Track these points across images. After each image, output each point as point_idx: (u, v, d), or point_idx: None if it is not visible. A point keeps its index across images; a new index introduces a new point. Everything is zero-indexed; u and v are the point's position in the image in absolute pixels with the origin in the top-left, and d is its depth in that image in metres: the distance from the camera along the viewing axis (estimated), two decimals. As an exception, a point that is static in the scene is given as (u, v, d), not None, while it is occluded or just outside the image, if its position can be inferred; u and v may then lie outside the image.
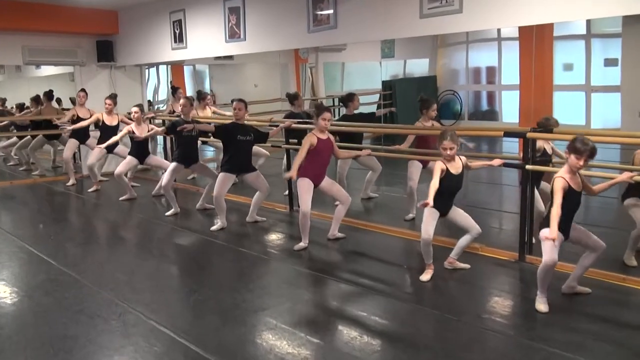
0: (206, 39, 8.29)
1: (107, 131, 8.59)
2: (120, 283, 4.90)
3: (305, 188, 5.52)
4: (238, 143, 6.25)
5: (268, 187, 6.56)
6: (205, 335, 3.86)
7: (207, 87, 15.81)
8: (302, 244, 5.58)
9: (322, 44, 7.46)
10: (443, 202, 4.66)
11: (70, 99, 11.70)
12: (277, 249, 5.74)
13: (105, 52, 10.16)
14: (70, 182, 9.30)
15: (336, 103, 13.16)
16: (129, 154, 8.04)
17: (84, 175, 9.96)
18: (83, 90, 9.21)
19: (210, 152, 10.43)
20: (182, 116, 6.96)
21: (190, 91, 15.25)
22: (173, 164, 7.01)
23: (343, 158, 6.13)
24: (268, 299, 4.43)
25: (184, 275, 5.23)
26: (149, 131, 7.92)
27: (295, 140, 7.07)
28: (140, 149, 7.95)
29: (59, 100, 11.69)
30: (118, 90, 9.82)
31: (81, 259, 5.65)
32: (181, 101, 7.01)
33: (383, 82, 13.22)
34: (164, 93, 14.12)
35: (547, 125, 4.95)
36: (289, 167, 7.19)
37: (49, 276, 5.08)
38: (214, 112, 9.16)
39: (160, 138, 9.78)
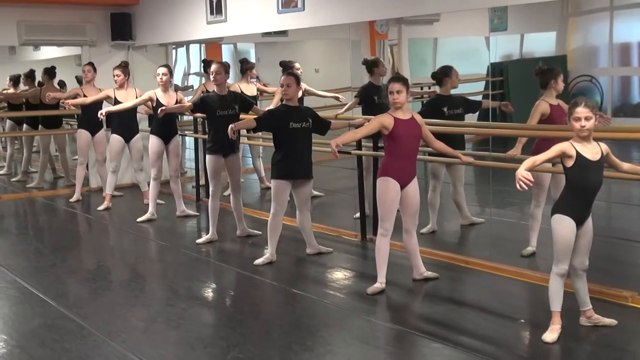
0: (252, 9, 8.42)
1: (121, 112, 8.82)
2: (135, 332, 5.00)
3: (389, 196, 5.43)
4: (292, 134, 6.21)
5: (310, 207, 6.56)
6: (247, 406, 3.88)
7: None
8: (377, 286, 5.54)
9: (408, 14, 7.41)
10: (579, 204, 4.47)
11: (76, 77, 12.12)
12: (343, 291, 5.72)
13: (122, 29, 10.48)
14: (75, 198, 9.65)
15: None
16: (151, 133, 8.27)
17: (92, 188, 10.31)
18: (90, 64, 9.53)
19: (248, 157, 10.55)
20: (215, 90, 7.05)
21: (230, 77, 15.49)
22: (209, 160, 7.09)
23: (440, 151, 5.88)
24: (332, 361, 4.41)
25: (219, 325, 5.29)
26: (177, 102, 8.07)
27: (370, 144, 7.06)
28: (165, 124, 8.15)
29: (61, 84, 12.14)
30: (138, 77, 10.09)
31: (87, 300, 5.82)
32: (212, 67, 7.04)
33: (491, 64, 13.01)
34: (195, 80, 14.45)
35: None
36: (361, 180, 7.18)
37: (46, 321, 5.24)
38: (259, 90, 9.28)
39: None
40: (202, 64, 10.39)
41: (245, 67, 9.24)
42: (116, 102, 8.81)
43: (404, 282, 5.78)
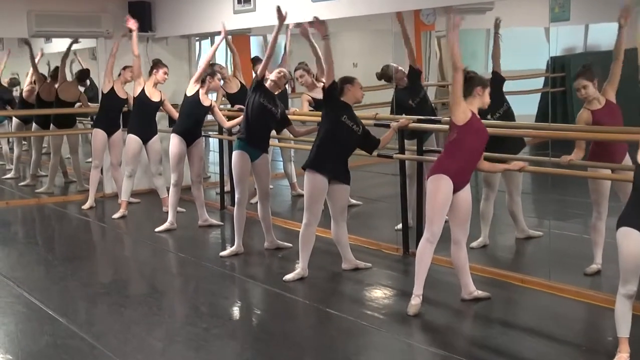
0: (284, -4, 8.47)
1: (145, 107, 8.97)
2: (152, 353, 5.05)
3: (441, 196, 5.41)
4: (340, 127, 6.26)
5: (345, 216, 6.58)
6: None
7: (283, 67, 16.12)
8: (415, 302, 5.46)
9: (458, 3, 7.39)
10: None
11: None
12: (383, 312, 5.71)
13: (141, 19, 10.55)
14: (88, 205, 9.76)
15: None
16: (174, 131, 8.36)
17: (107, 194, 10.43)
18: (130, 66, 9.64)
19: (279, 162, 10.58)
20: (270, 86, 7.10)
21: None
22: (236, 155, 7.13)
23: (485, 171, 6.02)
24: (369, 389, 4.41)
25: (244, 346, 5.31)
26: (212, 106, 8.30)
27: (415, 147, 7.04)
28: (192, 124, 8.27)
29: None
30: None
31: (100, 317, 5.89)
32: (274, 75, 7.13)
33: (552, 58, 12.88)
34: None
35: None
36: (403, 188, 7.16)
37: (55, 339, 5.30)
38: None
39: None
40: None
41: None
42: (143, 96, 8.92)
43: (450, 302, 5.75)
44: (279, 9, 6.87)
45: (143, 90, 8.92)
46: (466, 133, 5.43)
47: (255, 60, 9.83)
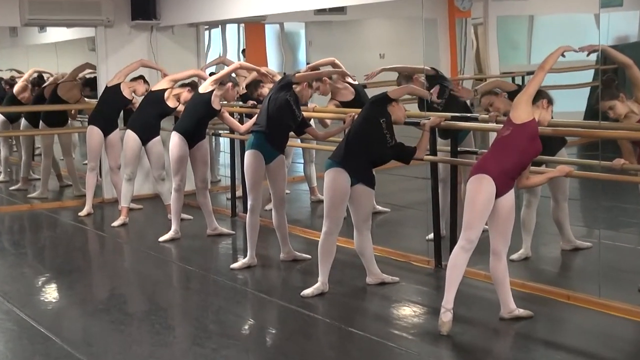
0: (302, -20, 8.50)
1: (156, 106, 9.05)
2: (156, 377, 5.07)
3: (482, 201, 5.40)
4: (376, 129, 6.32)
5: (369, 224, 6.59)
6: None
7: (301, 58, 16.16)
8: (446, 317, 5.43)
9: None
10: None
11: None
12: (412, 331, 5.70)
13: (143, 6, 10.62)
14: (85, 211, 9.82)
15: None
16: (175, 129, 8.40)
17: (106, 199, 10.47)
18: (146, 81, 9.78)
19: (299, 164, 10.57)
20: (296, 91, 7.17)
21: (273, 64, 15.50)
22: (249, 156, 7.13)
23: (527, 186, 6.07)
24: (396, 417, 4.41)
25: (257, 370, 5.32)
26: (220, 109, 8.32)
27: (448, 148, 7.02)
28: (196, 123, 8.28)
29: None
30: (164, 63, 10.20)
31: (98, 336, 5.91)
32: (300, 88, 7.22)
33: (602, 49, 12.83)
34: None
35: None
36: (435, 193, 7.15)
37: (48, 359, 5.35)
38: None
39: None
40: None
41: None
42: (160, 95, 8.99)
43: (488, 320, 5.73)
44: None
45: (163, 90, 9.01)
46: (521, 133, 5.44)
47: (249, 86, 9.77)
